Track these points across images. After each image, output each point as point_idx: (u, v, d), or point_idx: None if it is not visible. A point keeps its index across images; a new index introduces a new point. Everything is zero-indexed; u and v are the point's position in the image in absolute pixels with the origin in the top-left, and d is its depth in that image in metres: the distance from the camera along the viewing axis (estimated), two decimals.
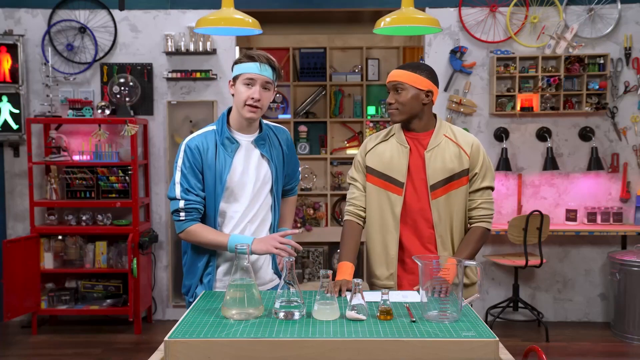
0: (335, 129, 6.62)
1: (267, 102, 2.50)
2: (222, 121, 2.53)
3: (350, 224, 2.64)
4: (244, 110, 2.46)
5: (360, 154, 2.68)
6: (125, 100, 5.26)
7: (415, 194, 2.54)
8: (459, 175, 2.55)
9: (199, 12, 5.25)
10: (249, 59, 2.45)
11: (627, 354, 4.76)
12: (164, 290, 5.54)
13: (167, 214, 5.49)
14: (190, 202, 2.44)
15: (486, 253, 5.40)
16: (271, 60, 2.48)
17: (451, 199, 2.54)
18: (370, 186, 2.61)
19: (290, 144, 2.70)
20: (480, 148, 2.61)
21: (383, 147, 2.61)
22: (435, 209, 2.53)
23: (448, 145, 2.56)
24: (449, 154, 2.54)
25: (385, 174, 2.57)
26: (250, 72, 2.44)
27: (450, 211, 2.54)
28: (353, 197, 2.66)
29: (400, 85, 2.52)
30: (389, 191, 2.56)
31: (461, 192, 2.56)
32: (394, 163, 2.56)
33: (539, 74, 5.23)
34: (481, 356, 1.84)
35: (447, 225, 2.55)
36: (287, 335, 1.89)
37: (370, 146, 2.64)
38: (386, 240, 2.57)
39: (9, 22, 5.36)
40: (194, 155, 2.46)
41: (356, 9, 5.58)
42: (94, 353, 4.70)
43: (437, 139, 2.56)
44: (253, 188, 2.51)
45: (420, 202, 2.54)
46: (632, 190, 5.37)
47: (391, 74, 2.58)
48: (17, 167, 5.45)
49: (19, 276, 4.95)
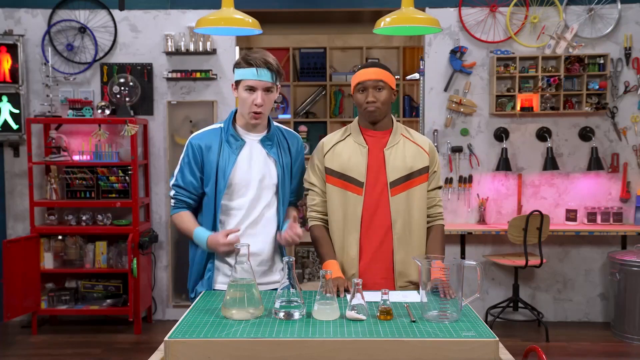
0: (335, 129, 6.60)
1: (271, 104, 2.52)
2: (229, 119, 2.56)
3: (318, 228, 2.62)
4: (248, 117, 2.49)
5: (317, 156, 2.63)
6: (125, 100, 5.26)
7: (375, 192, 2.54)
8: (419, 173, 2.56)
9: (199, 12, 5.25)
10: (247, 64, 2.45)
11: (627, 354, 4.76)
12: (164, 290, 5.54)
13: (167, 214, 5.49)
14: (178, 194, 2.55)
15: (486, 253, 5.41)
16: (269, 63, 2.45)
17: (410, 196, 2.55)
18: (330, 187, 2.58)
19: (299, 153, 2.65)
20: (435, 148, 2.68)
21: (341, 148, 2.59)
22: (393, 206, 2.53)
23: (406, 143, 2.58)
24: (409, 152, 2.56)
25: (344, 174, 2.55)
26: (249, 78, 2.44)
27: (410, 208, 2.54)
28: (314, 204, 2.63)
29: (382, 83, 2.52)
30: (349, 191, 2.55)
31: (421, 189, 2.57)
32: (352, 163, 2.55)
33: (539, 74, 5.23)
34: (481, 356, 1.84)
35: (406, 222, 2.54)
36: (287, 335, 1.89)
37: (327, 147, 2.61)
38: (347, 241, 2.56)
39: (9, 22, 5.36)
40: (195, 153, 2.51)
41: (356, 9, 5.57)
42: (94, 353, 4.71)
43: (396, 138, 2.58)
44: (257, 187, 2.52)
45: (380, 200, 2.54)
46: (632, 190, 5.37)
47: (368, 71, 2.52)
48: (17, 167, 5.45)
49: (19, 276, 4.94)
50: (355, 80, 2.57)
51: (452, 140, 5.41)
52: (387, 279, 2.55)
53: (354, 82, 2.57)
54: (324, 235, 2.61)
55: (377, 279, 2.53)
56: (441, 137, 5.41)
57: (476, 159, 5.40)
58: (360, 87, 2.54)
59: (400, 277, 2.55)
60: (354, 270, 2.56)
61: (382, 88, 2.52)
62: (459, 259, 2.11)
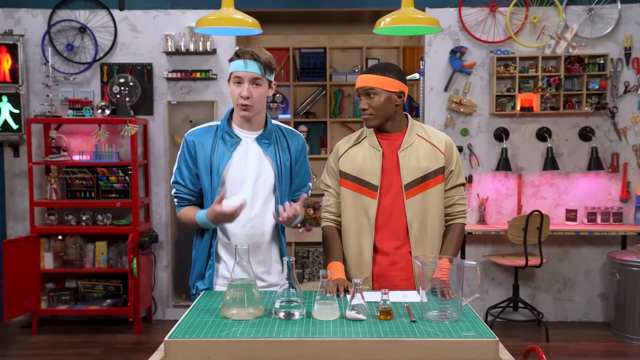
0: (335, 129, 6.62)
1: (261, 99, 2.48)
2: (225, 117, 2.57)
3: (330, 229, 2.62)
4: (237, 109, 2.49)
5: (332, 159, 2.63)
6: (125, 100, 5.26)
7: (390, 195, 2.52)
8: (435, 174, 2.53)
9: (199, 12, 5.26)
10: (236, 56, 2.48)
11: (627, 354, 4.76)
12: (164, 290, 5.54)
13: (167, 214, 5.49)
14: (178, 192, 2.56)
15: (486, 253, 5.41)
16: (255, 55, 2.45)
17: (426, 198, 2.52)
18: (344, 190, 2.58)
19: (300, 153, 2.62)
20: (453, 145, 2.62)
21: (356, 151, 2.58)
22: (409, 209, 2.50)
23: (421, 144, 2.55)
24: (423, 153, 2.53)
25: (359, 178, 2.54)
26: (237, 69, 2.46)
27: (425, 210, 2.52)
28: (328, 205, 2.63)
29: (372, 90, 2.48)
30: (363, 195, 2.53)
31: (436, 191, 2.54)
32: (367, 167, 2.54)
33: (539, 74, 5.23)
34: (481, 356, 1.84)
35: (422, 224, 2.52)
36: (287, 335, 1.89)
37: (342, 150, 2.61)
38: (361, 244, 2.55)
39: (9, 22, 5.36)
40: (189, 149, 2.53)
41: (356, 9, 5.57)
42: (94, 353, 4.71)
43: (410, 139, 2.55)
44: (253, 185, 2.50)
45: (395, 203, 2.52)
46: (632, 190, 5.37)
47: (360, 78, 2.52)
48: (17, 167, 5.45)
49: (19, 276, 4.95)
50: (356, 84, 2.58)
51: (452, 140, 5.39)
52: (408, 281, 2.53)
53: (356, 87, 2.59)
54: (334, 237, 2.60)
55: (397, 281, 2.52)
56: None
57: (476, 159, 5.40)
58: (358, 94, 2.56)
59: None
60: (368, 274, 2.54)
61: (374, 94, 2.48)
62: (459, 259, 2.11)
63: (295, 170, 2.60)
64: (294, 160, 2.59)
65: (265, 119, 2.57)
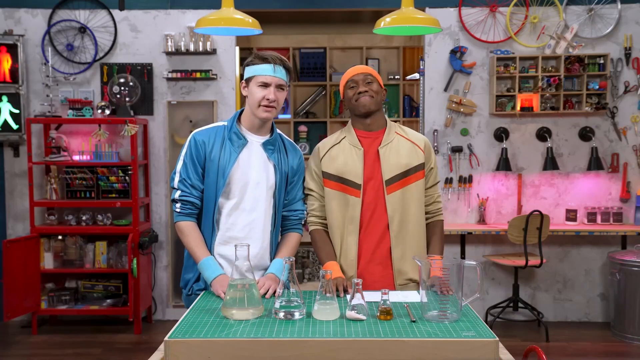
0: (335, 129, 6.62)
1: (281, 103, 2.52)
2: (233, 118, 2.56)
3: (318, 232, 2.65)
4: (258, 110, 2.46)
5: (314, 161, 2.66)
6: (125, 100, 5.26)
7: (372, 192, 2.56)
8: (415, 170, 2.58)
9: (199, 12, 5.26)
10: (262, 60, 2.45)
11: (627, 354, 4.76)
12: (164, 290, 5.54)
13: (167, 214, 5.49)
14: (185, 194, 2.49)
15: (486, 253, 5.41)
16: (285, 61, 2.48)
17: (407, 194, 2.56)
18: (328, 191, 2.60)
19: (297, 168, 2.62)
20: (430, 144, 2.69)
21: (336, 151, 2.61)
22: (390, 204, 2.54)
23: (401, 141, 2.60)
24: (404, 150, 2.58)
25: (342, 177, 2.57)
26: (264, 74, 2.44)
27: (406, 206, 2.56)
28: (313, 209, 2.65)
29: (371, 76, 2.59)
30: (347, 194, 2.56)
31: (417, 186, 2.59)
32: (349, 166, 2.57)
33: (539, 74, 5.23)
34: (481, 356, 1.84)
35: (403, 219, 2.55)
36: (287, 335, 1.89)
37: (323, 152, 2.63)
38: (347, 243, 2.57)
39: (9, 22, 5.36)
40: (198, 148, 2.49)
41: (356, 9, 5.57)
42: (94, 353, 4.70)
43: (390, 136, 2.60)
44: (255, 188, 2.50)
45: (377, 199, 2.55)
46: (632, 190, 5.37)
47: (356, 68, 2.63)
48: (17, 167, 5.45)
49: (19, 276, 4.94)
50: (345, 78, 2.62)
51: (452, 140, 5.41)
52: (386, 277, 2.56)
53: (344, 81, 2.63)
54: (323, 239, 2.63)
55: (376, 277, 2.54)
56: (441, 137, 5.41)
57: (476, 159, 5.40)
58: (351, 84, 2.59)
59: (399, 275, 2.56)
60: (353, 272, 2.57)
61: (372, 82, 2.58)
62: (459, 259, 2.12)
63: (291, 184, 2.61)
64: (292, 174, 2.61)
65: (272, 125, 2.59)
